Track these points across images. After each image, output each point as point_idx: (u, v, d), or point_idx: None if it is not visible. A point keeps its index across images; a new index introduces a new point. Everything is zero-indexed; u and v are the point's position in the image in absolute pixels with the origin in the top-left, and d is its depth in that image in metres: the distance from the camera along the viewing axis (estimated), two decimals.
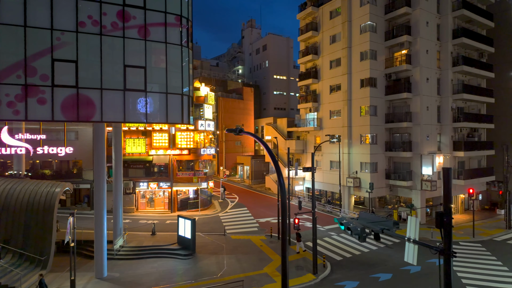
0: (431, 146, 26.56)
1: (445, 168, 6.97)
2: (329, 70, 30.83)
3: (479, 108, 30.36)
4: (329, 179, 30.41)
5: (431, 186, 24.89)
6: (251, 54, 62.93)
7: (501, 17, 30.97)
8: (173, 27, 17.35)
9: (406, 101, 27.06)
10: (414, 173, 26.25)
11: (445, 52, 27.24)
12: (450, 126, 27.21)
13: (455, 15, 27.09)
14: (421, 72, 25.92)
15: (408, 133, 27.01)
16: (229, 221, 25.54)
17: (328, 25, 30.84)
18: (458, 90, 27.09)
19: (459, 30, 26.93)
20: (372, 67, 26.98)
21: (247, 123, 47.91)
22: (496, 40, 30.90)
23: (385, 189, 27.96)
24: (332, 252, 19.25)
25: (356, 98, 28.13)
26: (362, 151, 27.58)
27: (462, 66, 26.60)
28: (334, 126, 30.24)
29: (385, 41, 27.78)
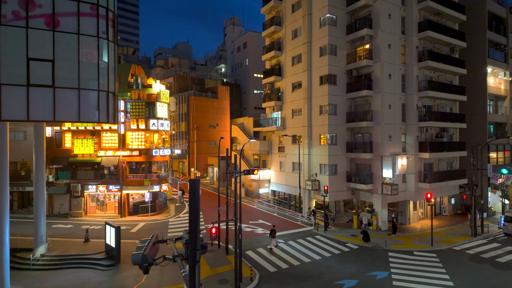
0: (394, 147, 24.85)
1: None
2: (291, 67, 29.22)
3: (451, 107, 28.58)
4: (292, 181, 28.79)
5: (392, 190, 23.19)
6: (232, 52, 61.38)
7: (475, 10, 29.17)
8: (88, 17, 15.81)
9: (367, 99, 25.39)
10: (375, 176, 24.57)
11: (410, 47, 25.54)
12: (416, 125, 25.48)
13: (420, 6, 25.37)
14: (382, 68, 24.23)
15: (369, 133, 25.34)
16: (176, 227, 24.02)
17: (290, 19, 29.24)
18: (424, 87, 25.36)
19: (424, 23, 25.20)
20: (331, 63, 25.34)
21: (222, 122, 46.38)
22: (470, 34, 29.13)
23: (347, 193, 26.30)
24: (269, 263, 17.65)
25: (316, 96, 26.51)
26: (321, 152, 25.95)
27: (427, 62, 24.86)
28: (296, 125, 28.63)
29: (346, 35, 26.12)
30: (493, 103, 31.27)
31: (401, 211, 26.21)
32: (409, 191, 25.37)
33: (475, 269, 16.93)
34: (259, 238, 21.64)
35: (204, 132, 44.14)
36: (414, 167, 25.33)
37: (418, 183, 25.29)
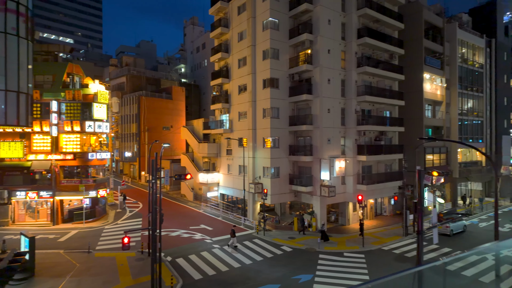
0: (333, 150, 25.41)
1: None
2: (237, 69, 29.06)
3: (390, 111, 29.78)
4: (239, 184, 28.57)
5: (329, 191, 23.68)
6: (192, 53, 60.30)
7: (412, 19, 30.64)
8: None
9: (308, 103, 25.79)
10: (315, 178, 24.99)
11: (350, 52, 26.28)
12: (355, 129, 26.23)
13: (359, 13, 26.18)
14: (321, 72, 24.70)
15: (309, 137, 25.74)
16: (110, 235, 22.91)
17: (237, 21, 29.08)
18: (362, 92, 26.17)
19: (363, 29, 26.04)
20: (273, 66, 25.46)
21: (177, 124, 45.31)
22: (408, 42, 30.53)
23: (289, 195, 26.54)
24: (197, 269, 17.23)
25: (260, 100, 26.52)
26: (264, 155, 25.99)
27: (365, 67, 25.70)
28: (242, 128, 28.49)
29: (289, 39, 26.38)
30: (431, 107, 33.04)
31: (341, 212, 26.88)
32: (348, 193, 26.07)
33: (395, 268, 17.59)
34: (195, 244, 21.17)
35: (157, 134, 42.87)
36: (353, 169, 26.07)
37: (356, 185, 26.05)
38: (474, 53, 36.52)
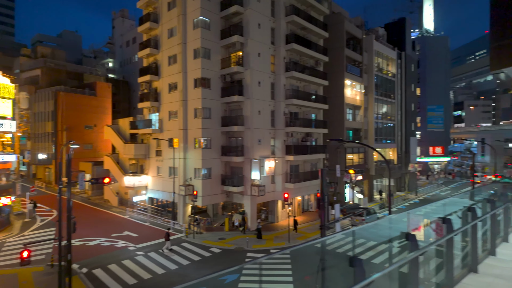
0: (264, 150, 26.11)
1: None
2: (167, 67, 28.00)
3: (316, 114, 31.77)
4: (169, 187, 27.48)
5: (259, 191, 24.25)
6: (121, 47, 56.28)
7: (336, 29, 33.19)
8: None
9: (240, 104, 26.08)
10: (246, 178, 25.36)
11: (279, 57, 27.31)
12: (283, 130, 27.34)
13: (287, 20, 27.39)
14: (252, 75, 25.18)
15: (241, 137, 26.06)
16: (12, 249, 19.99)
17: (167, 17, 28.01)
18: (290, 95, 27.42)
19: (290, 35, 27.30)
20: (204, 66, 25.12)
21: (101, 123, 41.75)
22: (332, 50, 32.95)
23: (221, 196, 26.48)
24: (116, 280, 16.02)
25: (191, 99, 25.94)
26: (196, 156, 25.48)
27: (292, 72, 26.99)
28: (172, 128, 27.50)
29: (221, 40, 26.32)
30: (351, 111, 36.21)
31: (271, 210, 27.78)
32: (278, 191, 27.06)
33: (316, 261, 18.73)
34: (116, 253, 19.70)
35: (78, 134, 38.94)
36: (282, 169, 27.15)
37: (285, 184, 27.20)
38: (388, 64, 41.14)
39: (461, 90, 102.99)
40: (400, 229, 4.40)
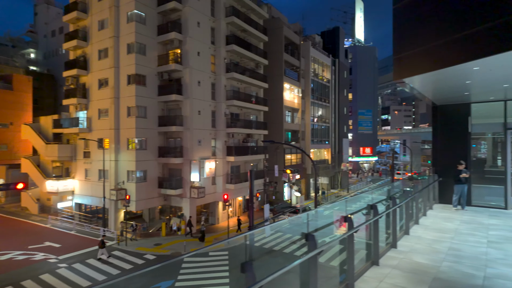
0: (204, 151, 25.70)
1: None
2: (98, 61, 25.87)
3: (256, 115, 32.34)
4: (98, 191, 25.36)
5: (198, 193, 23.78)
6: (46, 36, 50.49)
7: (275, 34, 34.21)
8: None
9: (178, 104, 25.29)
10: (185, 180, 24.66)
11: (219, 57, 27.16)
12: (224, 131, 27.26)
13: (227, 21, 27.38)
14: (191, 74, 24.60)
15: (180, 138, 25.29)
16: None
17: (97, 7, 25.87)
18: (231, 96, 27.46)
19: (231, 37, 27.35)
20: (139, 62, 23.79)
21: (19, 121, 36.78)
22: (272, 54, 33.86)
23: (158, 199, 25.35)
24: None
25: (124, 97, 24.33)
26: (129, 158, 23.95)
27: (233, 73, 27.08)
28: (103, 128, 25.46)
29: (158, 35, 25.19)
30: (290, 114, 37.69)
31: (211, 212, 27.49)
32: (218, 193, 26.87)
33: None
34: (33, 267, 17.52)
35: None
36: (223, 170, 27.05)
37: (226, 185, 27.14)
38: (323, 70, 43.75)
39: (387, 96, 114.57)
40: (316, 226, 4.65)
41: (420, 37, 6.11)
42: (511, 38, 4.63)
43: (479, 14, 5.02)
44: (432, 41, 5.83)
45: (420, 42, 6.09)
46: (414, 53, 6.23)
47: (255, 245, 10.44)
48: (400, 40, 6.49)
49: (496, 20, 4.74)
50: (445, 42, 5.54)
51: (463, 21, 5.25)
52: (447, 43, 5.50)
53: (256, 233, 19.20)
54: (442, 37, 5.60)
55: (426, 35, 5.97)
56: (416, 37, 6.21)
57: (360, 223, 4.70)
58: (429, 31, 5.91)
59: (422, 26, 6.09)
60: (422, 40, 6.05)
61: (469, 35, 5.12)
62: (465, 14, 5.27)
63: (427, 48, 5.94)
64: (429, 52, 5.89)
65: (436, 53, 5.76)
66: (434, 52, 5.79)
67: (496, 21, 4.73)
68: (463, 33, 5.19)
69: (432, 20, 5.88)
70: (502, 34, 4.72)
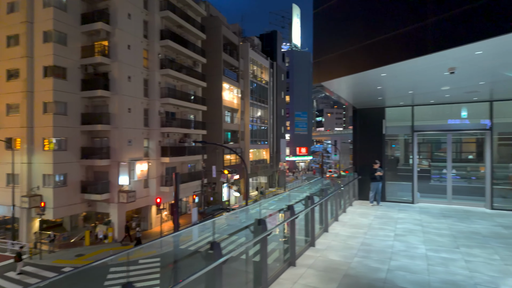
0: (135, 152, 24.03)
1: None
2: (5, 49, 22.42)
3: (194, 115, 31.44)
4: (7, 199, 21.93)
5: (128, 197, 22.13)
6: None
7: (214, 33, 33.71)
8: None
9: (105, 100, 23.24)
10: (113, 183, 22.75)
11: (153, 53, 25.71)
12: (159, 131, 25.89)
13: (162, 15, 26.06)
14: (120, 68, 22.79)
15: (107, 138, 23.26)
16: None
17: None
18: (166, 94, 26.20)
19: (166, 31, 26.10)
20: (58, 53, 21.22)
21: None
22: (210, 52, 33.27)
23: (82, 205, 22.93)
24: None
25: (40, 91, 21.47)
26: (46, 160, 21.20)
27: (168, 70, 25.88)
28: (12, 125, 22.14)
29: (81, 25, 22.79)
30: (230, 114, 37.54)
31: (144, 217, 25.89)
32: (152, 196, 25.39)
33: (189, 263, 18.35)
34: None
35: None
36: (157, 172, 25.66)
37: (160, 187, 25.80)
38: (262, 71, 44.58)
39: (321, 99, 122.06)
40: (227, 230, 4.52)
41: (336, 42, 6.40)
42: (411, 47, 5.05)
43: (385, 23, 5.40)
44: (346, 47, 6.14)
45: (336, 47, 6.37)
46: (331, 57, 6.51)
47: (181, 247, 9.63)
48: (319, 44, 6.72)
49: (398, 29, 5.14)
50: (357, 48, 5.86)
51: (372, 28, 5.60)
52: (359, 49, 5.83)
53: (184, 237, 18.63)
54: (355, 43, 5.92)
55: (341, 40, 6.27)
56: (333, 42, 6.49)
57: (276, 225, 4.65)
58: (344, 36, 6.21)
59: (339, 31, 6.38)
60: (338, 45, 6.34)
61: (376, 43, 5.48)
62: (374, 22, 5.64)
63: (342, 53, 6.24)
64: (344, 57, 6.19)
65: (349, 58, 6.08)
66: (348, 57, 6.10)
67: (398, 30, 5.13)
68: (371, 40, 5.54)
69: (347, 26, 6.19)
70: (403, 43, 5.13)
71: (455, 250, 6.11)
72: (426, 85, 7.51)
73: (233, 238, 4.44)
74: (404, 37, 4.95)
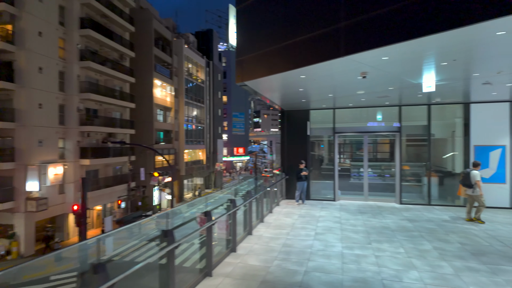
0: (47, 154, 21.08)
1: None
2: None
3: (121, 112, 29.02)
4: None
5: (37, 205, 19.31)
6: None
7: (144, 26, 31.63)
8: None
9: (9, 94, 19.95)
10: (18, 190, 19.61)
11: (71, 42, 22.94)
12: (77, 129, 23.20)
13: (82, 1, 23.44)
14: (28, 57, 19.77)
15: (11, 137, 19.99)
16: None
17: None
18: (86, 89, 23.61)
19: (87, 20, 23.53)
20: None
21: None
22: (140, 46, 31.11)
23: None
24: None
25: None
26: None
27: (89, 62, 23.38)
28: None
29: None
30: (163, 113, 35.67)
31: (59, 227, 22.94)
32: (69, 203, 22.57)
33: None
34: None
35: None
36: (75, 175, 22.95)
37: (79, 193, 23.11)
38: (197, 70, 43.43)
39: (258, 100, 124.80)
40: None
41: (258, 41, 6.27)
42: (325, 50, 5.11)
43: (302, 24, 5.41)
44: (267, 46, 6.04)
45: (258, 46, 6.24)
46: (253, 56, 6.35)
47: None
48: (242, 42, 6.51)
49: (314, 32, 5.17)
50: (277, 48, 5.79)
51: (290, 29, 5.57)
52: (278, 50, 5.76)
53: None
54: (274, 43, 5.84)
55: (262, 39, 6.15)
56: (255, 40, 6.34)
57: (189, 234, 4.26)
58: (265, 36, 6.10)
59: (260, 30, 6.25)
60: (259, 44, 6.21)
61: (294, 44, 5.45)
62: (292, 23, 5.61)
63: (263, 53, 6.12)
64: (265, 57, 6.08)
65: (270, 59, 5.98)
66: (269, 57, 6.00)
67: (314, 32, 5.16)
68: (290, 41, 5.51)
69: (267, 25, 6.09)
70: (318, 45, 5.18)
71: (368, 246, 6.45)
72: (343, 89, 7.88)
73: (135, 253, 3.91)
74: (319, 40, 5.01)
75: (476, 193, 8.26)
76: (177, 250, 4.41)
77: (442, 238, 6.97)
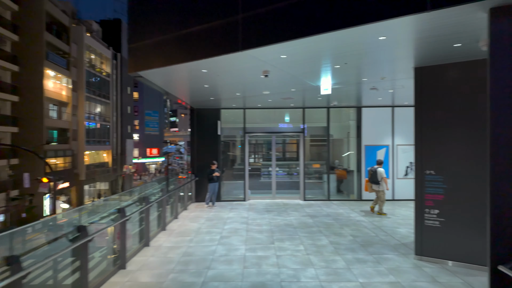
0: None
1: None
2: None
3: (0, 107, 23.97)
4: None
5: None
6: None
7: (33, 7, 26.70)
8: None
9: None
10: None
11: None
12: None
13: None
14: None
15: None
16: None
17: None
18: None
19: None
20: None
21: None
22: (28, 30, 26.15)
23: None
24: None
25: None
26: None
27: None
28: None
29: None
30: (57, 108, 30.80)
31: None
32: None
33: None
34: None
35: None
36: None
37: None
38: (102, 62, 39.02)
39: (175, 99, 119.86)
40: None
41: (153, 27, 5.58)
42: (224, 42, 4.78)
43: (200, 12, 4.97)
44: (163, 34, 5.42)
45: (153, 33, 5.55)
46: (147, 44, 5.64)
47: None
48: (134, 26, 5.73)
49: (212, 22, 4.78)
50: (174, 36, 5.22)
51: (188, 17, 5.07)
52: (175, 38, 5.21)
53: None
54: (171, 31, 5.26)
55: (158, 26, 5.50)
56: (150, 26, 5.63)
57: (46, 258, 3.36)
58: (161, 21, 5.46)
59: (155, 15, 5.58)
60: (155, 30, 5.53)
61: (192, 33, 4.98)
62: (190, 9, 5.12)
63: (159, 41, 5.47)
64: (161, 46, 5.44)
65: (166, 48, 5.38)
66: (165, 46, 5.39)
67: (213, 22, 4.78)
68: (187, 30, 5.01)
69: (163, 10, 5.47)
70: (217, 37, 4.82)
71: (270, 246, 6.40)
72: (249, 88, 7.76)
73: None
74: (217, 32, 4.66)
75: (382, 188, 9.12)
76: (32, 276, 3.47)
77: (337, 232, 7.43)
